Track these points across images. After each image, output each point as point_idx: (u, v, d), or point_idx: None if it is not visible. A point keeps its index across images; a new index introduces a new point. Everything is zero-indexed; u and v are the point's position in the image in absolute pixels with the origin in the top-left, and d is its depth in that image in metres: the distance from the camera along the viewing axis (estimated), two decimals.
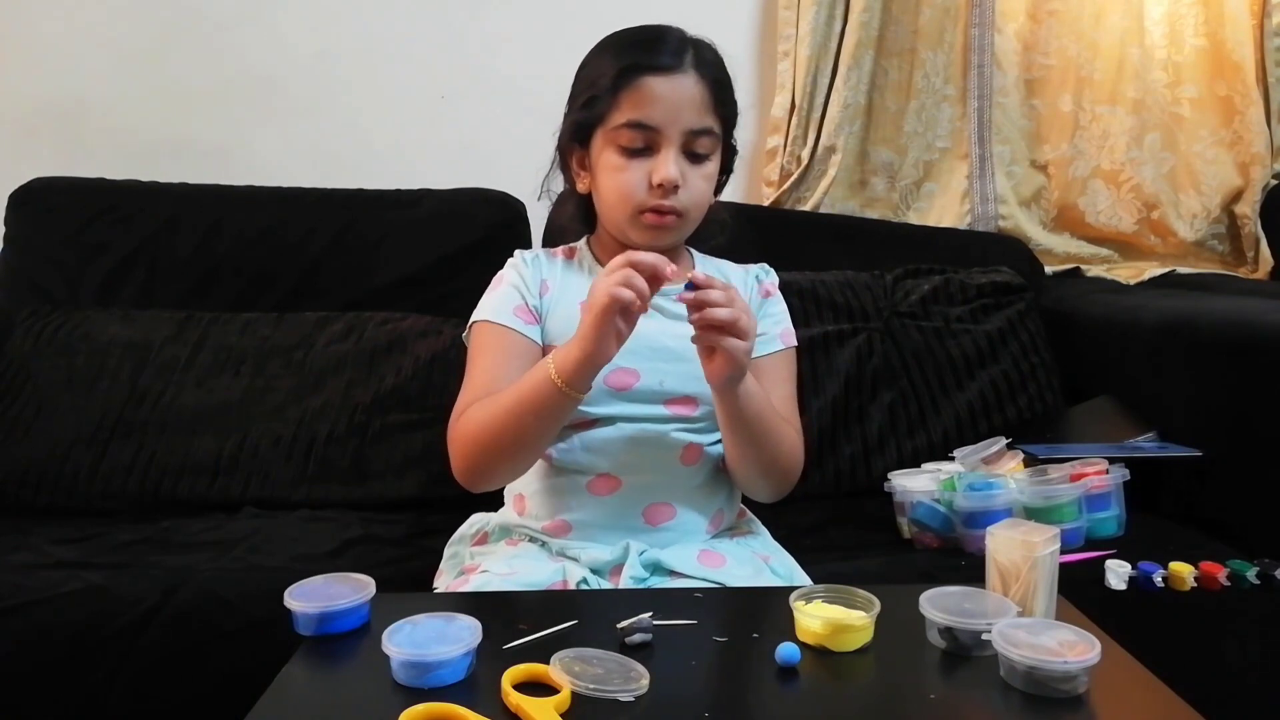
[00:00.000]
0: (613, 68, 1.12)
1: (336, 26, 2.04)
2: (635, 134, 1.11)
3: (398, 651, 0.76)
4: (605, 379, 1.13)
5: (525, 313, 1.18)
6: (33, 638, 1.14)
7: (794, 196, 2.09)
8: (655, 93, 1.10)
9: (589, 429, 1.15)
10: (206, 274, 1.78)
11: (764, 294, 1.27)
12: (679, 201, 1.13)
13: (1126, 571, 1.21)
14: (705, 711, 0.72)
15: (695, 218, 1.18)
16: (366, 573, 1.26)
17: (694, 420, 1.16)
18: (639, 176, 1.12)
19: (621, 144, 1.12)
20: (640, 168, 1.12)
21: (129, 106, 2.01)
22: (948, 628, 0.82)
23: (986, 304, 1.79)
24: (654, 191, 1.12)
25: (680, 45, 1.13)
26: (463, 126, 2.07)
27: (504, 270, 1.24)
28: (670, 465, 1.15)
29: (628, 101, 1.11)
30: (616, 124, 1.12)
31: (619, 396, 1.14)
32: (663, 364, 1.15)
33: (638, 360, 1.14)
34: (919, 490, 1.40)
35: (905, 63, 2.10)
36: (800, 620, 0.84)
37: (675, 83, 1.11)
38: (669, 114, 1.11)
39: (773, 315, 1.25)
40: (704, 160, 1.15)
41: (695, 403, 1.16)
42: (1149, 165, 2.12)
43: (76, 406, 1.57)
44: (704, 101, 1.12)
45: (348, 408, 1.60)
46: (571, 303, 1.17)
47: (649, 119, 1.11)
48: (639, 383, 1.15)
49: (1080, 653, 0.75)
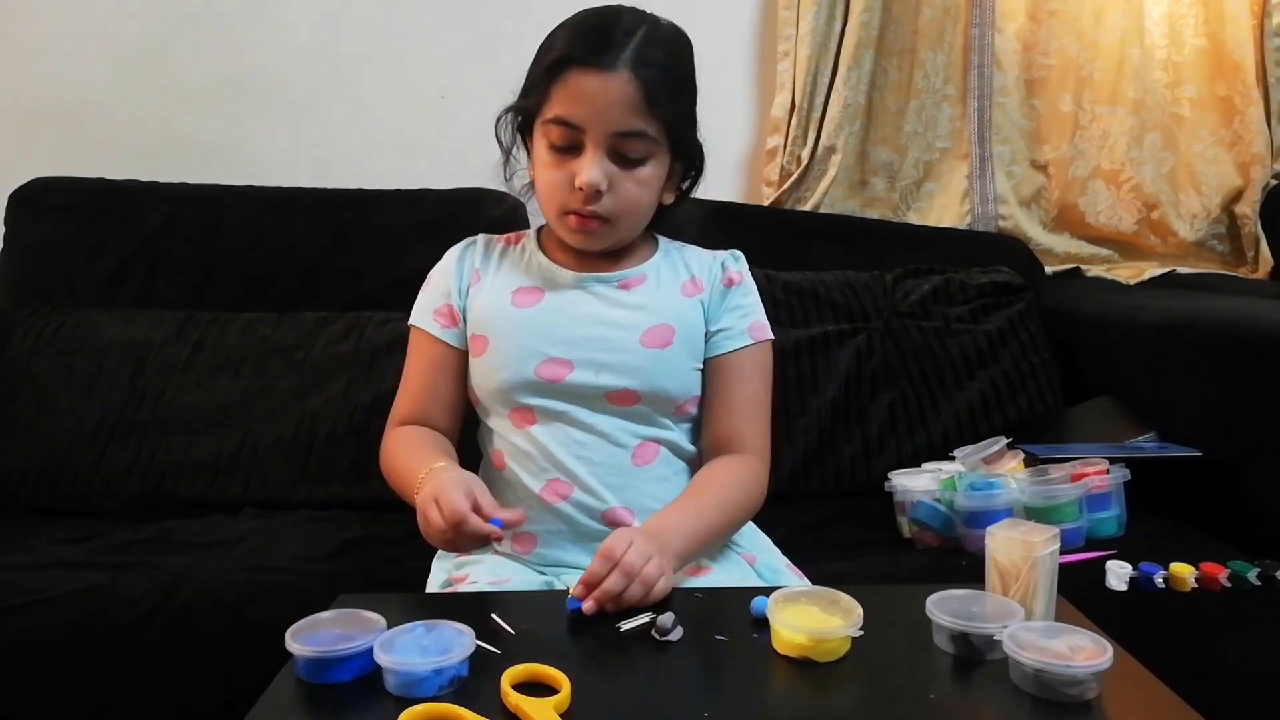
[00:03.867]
0: (550, 57, 1.07)
1: (337, 26, 2.04)
2: (561, 131, 1.07)
3: (390, 662, 0.75)
4: (535, 369, 1.10)
5: (444, 315, 1.18)
6: (33, 638, 1.14)
7: (794, 196, 2.09)
8: (582, 90, 1.04)
9: (531, 424, 1.11)
10: (206, 274, 1.78)
11: (726, 282, 1.19)
12: (602, 207, 1.08)
13: (1127, 572, 1.21)
14: (705, 711, 0.72)
15: (629, 223, 1.13)
16: (366, 573, 1.28)
17: (637, 416, 1.12)
18: (563, 177, 1.08)
19: (550, 140, 1.08)
20: (567, 167, 1.07)
21: (129, 106, 2.01)
22: (961, 633, 0.81)
23: (986, 304, 1.79)
24: (575, 194, 1.07)
25: (623, 39, 1.05)
26: (463, 126, 2.06)
27: (434, 268, 1.24)
28: (622, 468, 1.10)
29: (556, 96, 1.06)
30: (546, 118, 1.08)
31: (552, 390, 1.10)
32: (598, 354, 1.11)
33: (570, 349, 1.10)
34: (919, 490, 1.39)
35: (905, 63, 2.10)
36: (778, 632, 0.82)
37: (604, 81, 1.04)
38: (594, 114, 1.05)
39: (739, 308, 1.18)
40: (637, 164, 1.08)
41: (637, 397, 1.11)
42: (1149, 165, 2.12)
43: (76, 406, 1.57)
44: (635, 103, 1.04)
45: (348, 408, 1.60)
46: (500, 291, 1.16)
47: (573, 117, 1.05)
48: (571, 375, 1.10)
49: (1089, 657, 0.75)
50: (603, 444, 1.10)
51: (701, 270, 1.20)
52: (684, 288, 1.18)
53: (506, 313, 1.14)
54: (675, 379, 1.13)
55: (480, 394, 1.16)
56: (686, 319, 1.15)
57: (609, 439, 1.11)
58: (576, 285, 1.15)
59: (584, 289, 1.15)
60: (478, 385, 1.16)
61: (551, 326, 1.12)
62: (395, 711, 0.72)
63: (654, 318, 1.13)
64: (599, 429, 1.11)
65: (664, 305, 1.15)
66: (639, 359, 1.11)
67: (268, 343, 1.67)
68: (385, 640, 0.78)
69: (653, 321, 1.13)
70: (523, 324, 1.13)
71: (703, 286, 1.18)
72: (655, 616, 0.85)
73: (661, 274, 1.19)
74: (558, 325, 1.12)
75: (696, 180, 1.21)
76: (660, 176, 1.13)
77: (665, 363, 1.12)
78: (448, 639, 0.78)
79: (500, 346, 1.13)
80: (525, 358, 1.11)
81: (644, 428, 1.13)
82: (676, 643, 0.84)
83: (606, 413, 1.11)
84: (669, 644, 0.83)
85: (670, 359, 1.13)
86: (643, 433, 1.12)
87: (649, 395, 1.11)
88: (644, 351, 1.11)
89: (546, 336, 1.12)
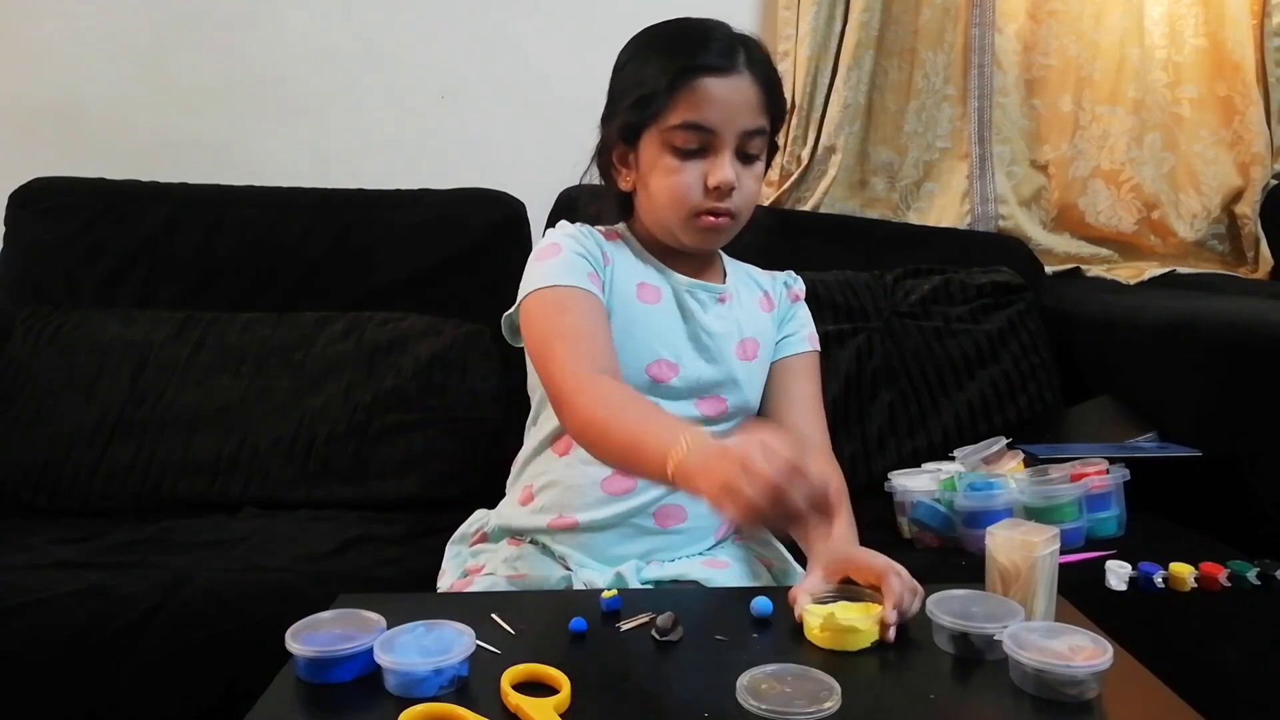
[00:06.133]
0: (667, 67, 1.08)
1: (336, 26, 2.04)
2: (691, 135, 1.08)
3: (390, 662, 0.75)
4: (647, 368, 1.12)
5: (594, 280, 1.10)
6: (33, 638, 1.14)
7: (794, 196, 2.09)
8: (712, 94, 1.07)
9: None
10: (206, 274, 1.78)
11: (793, 298, 1.27)
12: (733, 204, 1.11)
13: (1127, 572, 1.21)
14: (705, 712, 0.72)
15: (745, 219, 1.16)
16: (366, 573, 1.28)
17: (718, 421, 1.15)
18: (694, 179, 1.09)
19: (676, 145, 1.09)
20: (695, 169, 1.09)
21: (129, 106, 2.01)
22: (962, 633, 0.81)
23: (986, 304, 1.79)
24: (710, 194, 1.09)
25: (731, 44, 1.09)
26: (463, 126, 2.06)
27: (557, 238, 1.13)
28: None
29: (684, 103, 1.07)
30: (671, 125, 1.08)
31: (655, 388, 1.12)
32: (702, 361, 1.14)
33: (680, 353, 1.13)
34: (919, 490, 1.40)
35: (905, 63, 2.10)
36: (807, 620, 0.84)
37: (731, 84, 1.07)
38: (726, 116, 1.07)
39: (800, 318, 1.27)
40: (755, 161, 1.13)
41: (725, 404, 1.15)
42: (1149, 165, 2.12)
43: (76, 406, 1.57)
44: (758, 102, 1.09)
45: (348, 408, 1.60)
46: (628, 282, 1.14)
47: (706, 121, 1.07)
48: (676, 378, 1.13)
49: (1089, 657, 0.75)
50: None
51: (770, 287, 1.27)
52: (760, 303, 1.24)
53: (633, 305, 1.14)
54: (756, 392, 1.20)
55: None
56: (765, 334, 1.22)
57: None
58: (687, 291, 1.17)
59: (693, 295, 1.17)
60: None
61: (669, 328, 1.15)
62: (395, 711, 0.71)
63: (745, 331, 1.19)
64: None
65: (749, 320, 1.21)
66: (734, 370, 1.16)
67: (268, 343, 1.67)
68: (385, 640, 0.78)
69: (744, 335, 1.18)
70: (646, 320, 1.14)
71: (774, 303, 1.25)
72: (655, 616, 0.85)
73: (740, 290, 1.23)
74: (674, 328, 1.15)
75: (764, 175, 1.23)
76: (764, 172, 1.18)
77: (753, 375, 1.19)
78: (448, 639, 0.78)
79: (620, 337, 1.11)
80: (641, 354, 1.12)
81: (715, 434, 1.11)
82: (676, 643, 0.84)
83: (689, 417, 1.13)
84: (669, 644, 0.83)
85: (756, 372, 1.19)
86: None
87: (736, 403, 1.16)
88: (738, 363, 1.17)
89: (663, 337, 1.14)
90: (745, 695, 0.72)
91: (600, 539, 1.11)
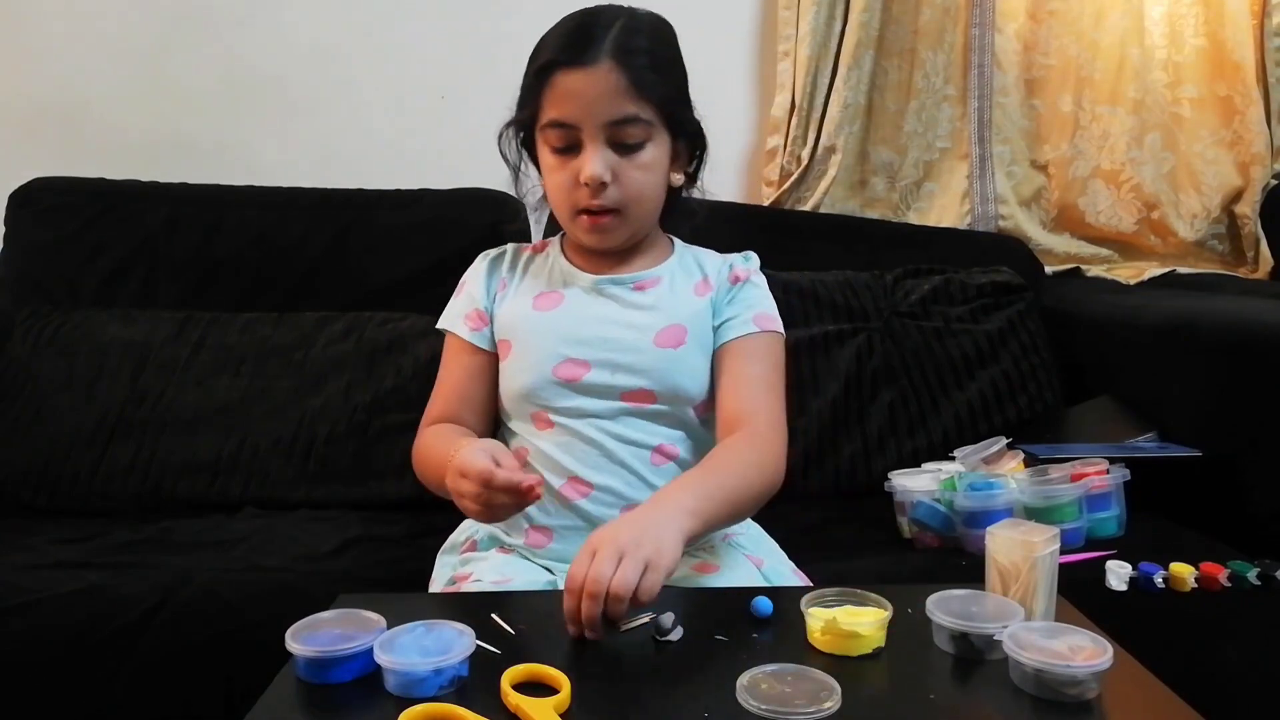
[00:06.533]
0: (535, 65, 1.10)
1: (336, 26, 2.04)
2: (558, 133, 1.09)
3: (390, 662, 0.75)
4: (554, 370, 1.12)
5: (474, 318, 1.21)
6: (33, 638, 1.14)
7: (794, 196, 2.09)
8: (569, 89, 1.07)
9: (550, 426, 1.14)
10: (206, 274, 1.78)
11: (733, 280, 1.21)
12: (610, 199, 1.10)
13: (1127, 572, 1.21)
14: (705, 712, 0.72)
15: (641, 212, 1.14)
16: (366, 573, 1.28)
17: (655, 416, 1.14)
18: (568, 177, 1.10)
19: (551, 144, 1.11)
20: (570, 167, 1.10)
21: (129, 106, 2.01)
22: (962, 633, 0.81)
23: (986, 304, 1.79)
24: (582, 191, 1.09)
25: (601, 33, 1.07)
26: (463, 126, 2.06)
27: (465, 275, 1.27)
28: (641, 467, 1.12)
29: (548, 100, 1.09)
30: (542, 123, 1.10)
31: (569, 389, 1.12)
32: (613, 354, 1.13)
33: (586, 350, 1.13)
34: (919, 490, 1.39)
35: (905, 63, 2.10)
36: (809, 624, 0.84)
37: (588, 76, 1.06)
38: (584, 109, 1.07)
39: (744, 300, 1.20)
40: (636, 150, 1.10)
41: (653, 396, 1.13)
42: (1149, 165, 2.12)
43: (76, 406, 1.57)
44: (622, 89, 1.07)
45: (348, 408, 1.60)
46: (524, 298, 1.19)
47: (566, 117, 1.08)
48: (588, 375, 1.12)
49: (1089, 657, 0.75)
50: (621, 444, 1.12)
51: (713, 270, 1.22)
52: (697, 288, 1.21)
53: (528, 316, 1.18)
54: (689, 377, 1.15)
55: (505, 397, 1.19)
56: (698, 319, 1.17)
57: (627, 439, 1.13)
58: (593, 288, 1.18)
59: (600, 291, 1.18)
60: (503, 389, 1.19)
61: (569, 328, 1.15)
62: (395, 712, 0.71)
63: (667, 318, 1.16)
64: (617, 430, 1.13)
65: (676, 306, 1.18)
66: (653, 359, 1.13)
67: (268, 343, 1.67)
68: (385, 640, 0.78)
69: (666, 322, 1.15)
70: (542, 327, 1.16)
71: (713, 285, 1.21)
72: (656, 616, 0.85)
73: (676, 275, 1.21)
74: (574, 327, 1.15)
75: (703, 159, 1.22)
76: (663, 158, 1.14)
77: (678, 361, 1.14)
78: (448, 639, 0.78)
79: (521, 350, 1.16)
80: (545, 359, 1.14)
81: (663, 428, 1.15)
82: (676, 643, 0.84)
83: (624, 414, 1.13)
84: (669, 644, 0.83)
85: (683, 358, 1.15)
86: (661, 433, 1.14)
87: (665, 394, 1.13)
88: (657, 351, 1.14)
89: (563, 338, 1.14)
90: (745, 695, 0.72)
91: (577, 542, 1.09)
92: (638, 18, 1.13)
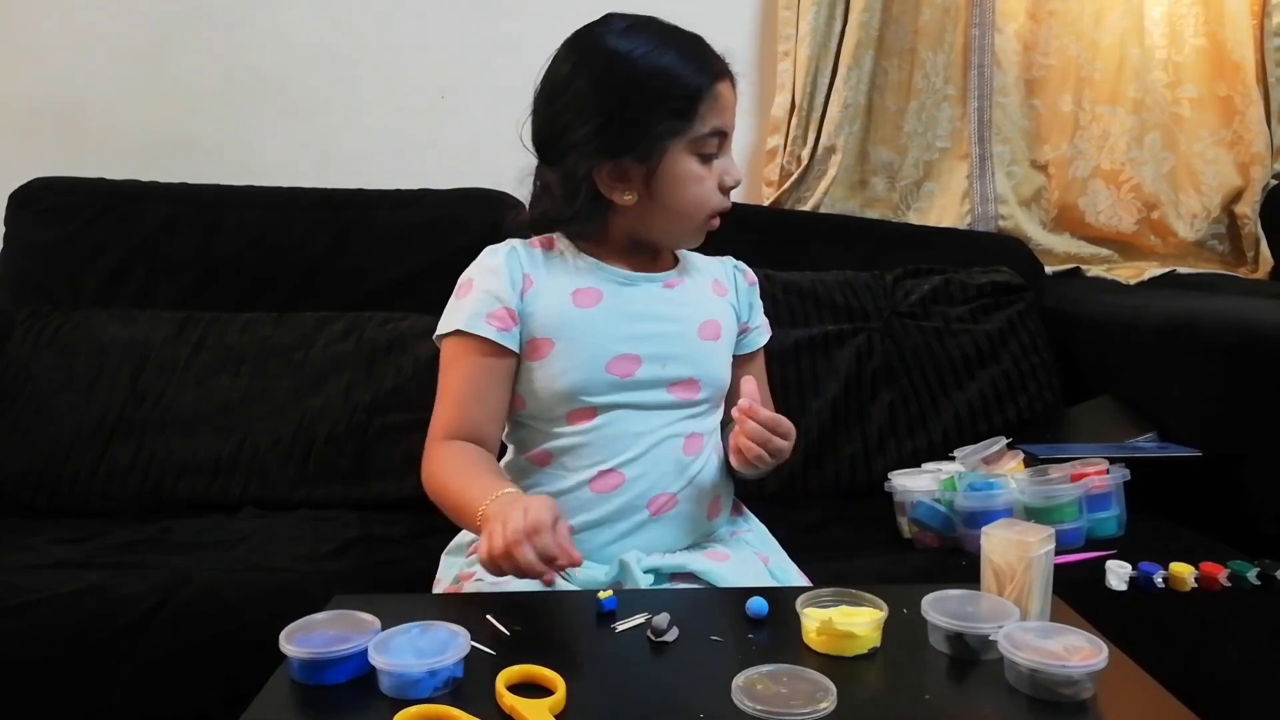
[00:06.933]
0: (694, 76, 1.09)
1: (337, 26, 2.04)
2: (717, 141, 1.13)
3: (384, 663, 0.75)
4: (606, 366, 1.12)
5: (500, 318, 1.12)
6: (33, 638, 1.14)
7: (794, 196, 2.09)
8: (726, 100, 1.12)
9: (590, 420, 1.12)
10: (206, 274, 1.78)
11: (750, 283, 1.29)
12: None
13: (1127, 572, 1.21)
14: (700, 713, 0.72)
15: None
16: (366, 573, 1.28)
17: (696, 404, 1.16)
18: (714, 183, 1.14)
19: (703, 152, 1.12)
20: (713, 173, 1.14)
21: (129, 106, 2.01)
22: (957, 633, 0.81)
23: (986, 304, 1.79)
24: (725, 195, 1.15)
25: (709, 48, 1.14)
26: (463, 126, 2.06)
27: (473, 272, 1.18)
28: (674, 457, 1.14)
29: (710, 111, 1.11)
30: (701, 133, 1.11)
31: (622, 384, 1.12)
32: (664, 346, 1.15)
33: (638, 345, 1.14)
34: (919, 490, 1.39)
35: (905, 63, 2.10)
36: (805, 624, 0.84)
37: (731, 88, 1.14)
38: (731, 118, 1.14)
39: (758, 308, 1.29)
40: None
41: (697, 385, 1.16)
42: (1149, 165, 2.12)
43: (76, 406, 1.57)
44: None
45: (348, 408, 1.60)
46: (559, 295, 1.14)
47: (727, 125, 1.13)
48: (640, 370, 1.13)
49: (1084, 657, 0.75)
50: (658, 434, 1.14)
51: (720, 274, 1.27)
52: (713, 288, 1.25)
53: (570, 314, 1.14)
54: (726, 369, 1.22)
55: (540, 396, 1.14)
56: (725, 315, 1.23)
57: (663, 429, 1.14)
58: (630, 284, 1.18)
59: (637, 287, 1.18)
60: (539, 388, 1.14)
61: (617, 324, 1.14)
62: (390, 713, 0.71)
63: (703, 313, 1.20)
64: (655, 421, 1.14)
65: (704, 303, 1.22)
66: (699, 350, 1.18)
67: (268, 343, 1.67)
68: (380, 641, 0.77)
69: (704, 316, 1.20)
70: (589, 324, 1.14)
71: (726, 289, 1.26)
72: (650, 617, 0.85)
73: (690, 276, 1.24)
74: (623, 323, 1.15)
75: None
76: None
77: (718, 354, 1.21)
78: (443, 640, 0.78)
79: (569, 349, 1.12)
80: (597, 356, 1.12)
81: (693, 421, 1.17)
82: (672, 643, 0.84)
83: (665, 404, 1.15)
84: (664, 645, 0.83)
85: (720, 351, 1.21)
86: (692, 425, 1.17)
87: (708, 384, 1.17)
88: (702, 343, 1.18)
89: (614, 334, 1.14)
90: (740, 696, 0.72)
91: (598, 536, 1.11)
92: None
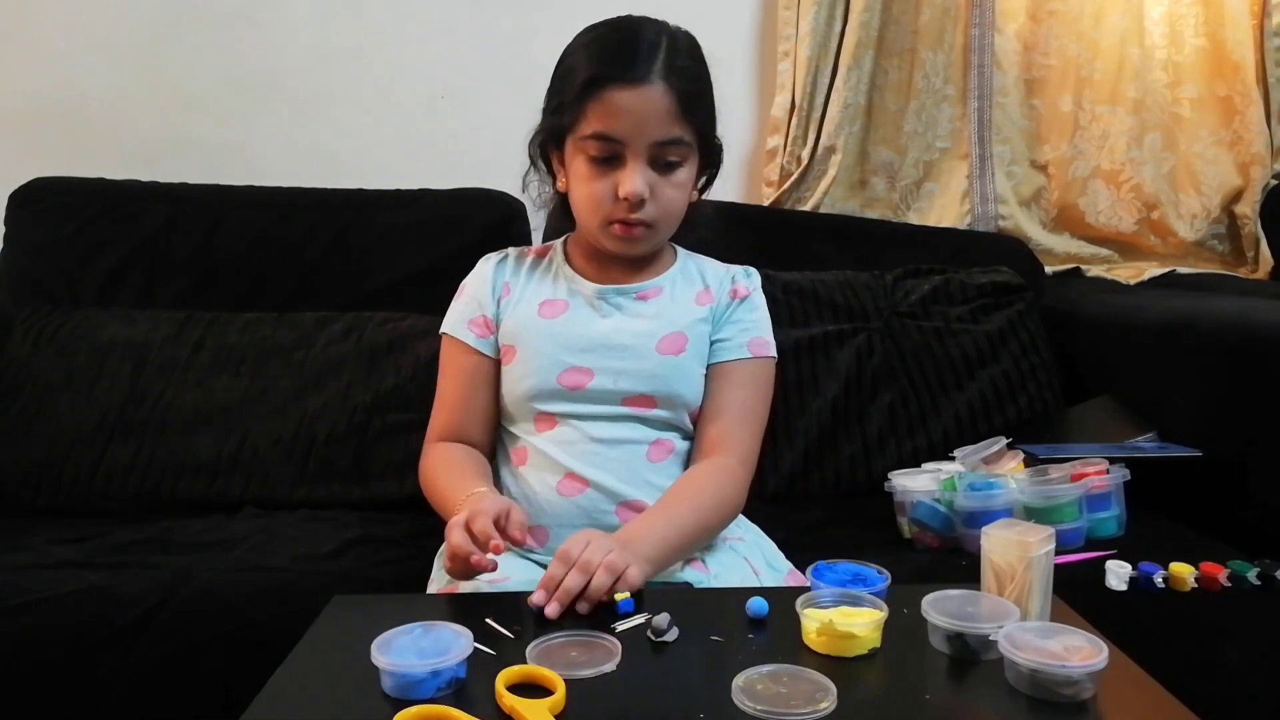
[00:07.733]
0: (581, 75, 1.10)
1: (337, 26, 2.04)
2: (601, 145, 1.10)
3: (387, 664, 0.75)
4: (558, 378, 1.15)
5: (480, 325, 1.21)
6: (33, 638, 1.14)
7: (794, 196, 2.09)
8: (620, 105, 1.08)
9: (552, 427, 1.16)
10: (206, 274, 1.78)
11: (732, 295, 1.23)
12: (646, 214, 1.13)
13: (1127, 572, 1.21)
14: (700, 713, 0.72)
15: (668, 226, 1.18)
16: (366, 573, 1.28)
17: (653, 420, 1.17)
18: (606, 188, 1.11)
19: (590, 154, 1.11)
20: (608, 179, 1.11)
21: (129, 105, 2.01)
22: (957, 633, 0.81)
23: (986, 304, 1.78)
24: (620, 204, 1.11)
25: (650, 51, 1.09)
26: (463, 126, 2.07)
27: (468, 278, 1.27)
28: (636, 463, 1.15)
29: (594, 113, 1.09)
30: (584, 134, 1.11)
31: (572, 397, 1.15)
32: (617, 361, 1.16)
33: (591, 358, 1.15)
34: (919, 490, 1.40)
35: (905, 63, 2.10)
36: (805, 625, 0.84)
37: (641, 95, 1.08)
38: (634, 127, 1.09)
39: (741, 321, 1.22)
40: (675, 169, 1.13)
41: (653, 401, 1.16)
42: (1149, 165, 2.12)
43: (76, 406, 1.57)
44: (671, 111, 1.10)
45: (348, 408, 1.60)
46: (530, 303, 1.20)
47: (614, 132, 1.09)
48: (592, 382, 1.15)
49: (1084, 657, 0.75)
50: (618, 443, 1.15)
51: (715, 281, 1.25)
52: (698, 297, 1.24)
53: (534, 324, 1.20)
54: (688, 383, 1.19)
55: (507, 400, 1.20)
56: (697, 327, 1.21)
57: (624, 439, 1.15)
58: (598, 296, 1.20)
59: (605, 300, 1.20)
60: (506, 392, 1.20)
61: (574, 337, 1.17)
62: (391, 713, 0.71)
63: (668, 326, 1.19)
64: (615, 430, 1.15)
65: (677, 314, 1.20)
66: (655, 366, 1.16)
67: (268, 343, 1.67)
68: (382, 642, 0.78)
69: (667, 330, 1.18)
70: (548, 334, 1.18)
71: (713, 297, 1.24)
72: (650, 617, 0.85)
73: (677, 284, 1.24)
74: (579, 336, 1.17)
75: (714, 177, 1.25)
76: (693, 179, 1.18)
77: (679, 368, 1.18)
78: (446, 640, 0.78)
79: (526, 356, 1.18)
80: (549, 366, 1.16)
81: (658, 430, 1.17)
82: (672, 643, 0.84)
83: (623, 417, 1.16)
84: (664, 645, 0.83)
85: (683, 365, 1.18)
86: (656, 434, 1.17)
87: (664, 399, 1.16)
88: (659, 358, 1.17)
89: (568, 346, 1.17)
90: (741, 696, 0.72)
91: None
92: (677, 36, 1.15)
